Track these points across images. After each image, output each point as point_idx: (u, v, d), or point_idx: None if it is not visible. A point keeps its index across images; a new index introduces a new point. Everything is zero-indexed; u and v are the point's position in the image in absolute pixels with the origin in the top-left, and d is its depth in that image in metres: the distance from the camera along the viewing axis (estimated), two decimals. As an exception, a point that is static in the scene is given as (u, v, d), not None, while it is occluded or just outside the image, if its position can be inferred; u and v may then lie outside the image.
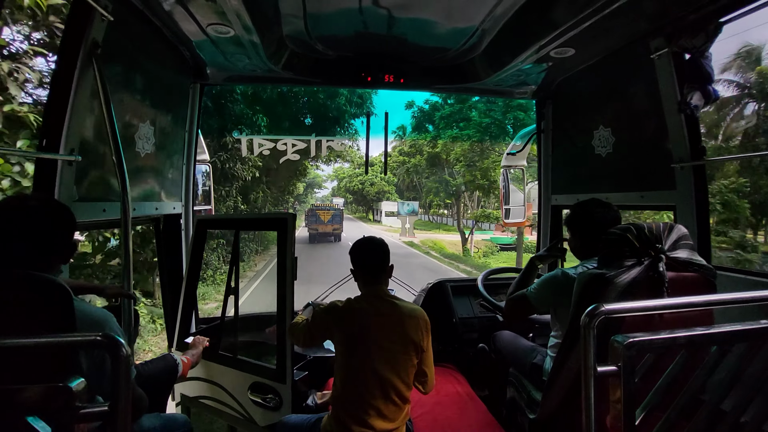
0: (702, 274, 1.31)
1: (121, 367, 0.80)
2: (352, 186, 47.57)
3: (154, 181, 2.32)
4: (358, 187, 45.30)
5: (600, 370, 0.82)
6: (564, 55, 2.28)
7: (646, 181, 2.19)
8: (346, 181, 50.62)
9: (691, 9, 1.72)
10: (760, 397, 0.92)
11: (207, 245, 12.39)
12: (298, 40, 2.31)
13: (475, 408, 2.06)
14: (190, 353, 1.88)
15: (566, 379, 1.40)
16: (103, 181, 1.82)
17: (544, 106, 3.05)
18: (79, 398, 0.77)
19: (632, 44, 2.08)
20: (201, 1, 1.73)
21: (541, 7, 1.86)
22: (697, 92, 1.76)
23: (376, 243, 1.70)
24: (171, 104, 2.42)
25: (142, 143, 2.11)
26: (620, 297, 1.21)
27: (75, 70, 1.57)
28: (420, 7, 1.94)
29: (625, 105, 2.31)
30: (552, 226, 3.10)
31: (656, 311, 1.00)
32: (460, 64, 2.62)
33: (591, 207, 1.71)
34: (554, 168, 3.05)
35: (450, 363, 2.55)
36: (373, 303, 1.60)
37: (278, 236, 1.96)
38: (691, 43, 1.74)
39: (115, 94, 1.77)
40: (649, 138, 2.15)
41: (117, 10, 1.65)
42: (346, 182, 50.65)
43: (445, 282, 2.89)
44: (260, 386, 1.93)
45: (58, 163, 1.55)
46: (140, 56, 2.03)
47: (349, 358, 1.54)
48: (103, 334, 0.80)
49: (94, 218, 1.80)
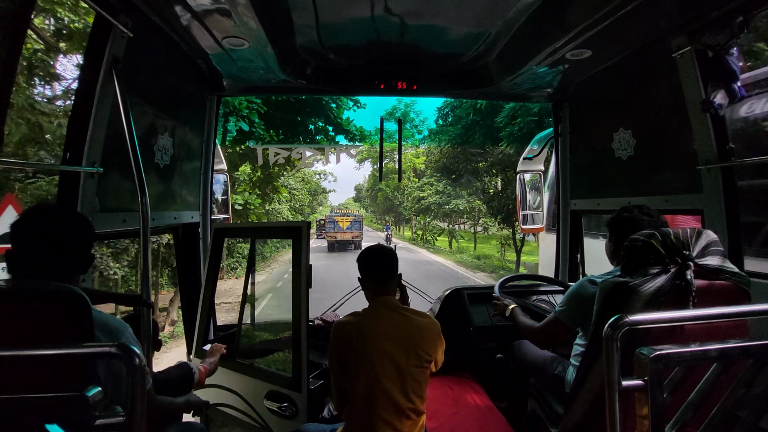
0: (734, 282, 1.24)
1: (137, 377, 0.81)
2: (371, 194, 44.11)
3: (173, 191, 2.38)
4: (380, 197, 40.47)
5: (625, 384, 0.78)
6: (580, 57, 2.24)
7: (671, 185, 2.10)
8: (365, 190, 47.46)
9: (715, 5, 1.66)
10: None
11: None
12: (312, 51, 2.34)
13: (494, 420, 2.00)
14: (208, 361, 1.89)
15: (590, 392, 1.34)
16: (124, 192, 1.87)
17: (561, 109, 2.99)
18: (95, 407, 0.78)
19: (652, 44, 2.02)
20: (217, 15, 1.77)
21: (555, 9, 1.83)
22: (721, 91, 1.69)
23: (384, 251, 1.67)
24: (189, 116, 2.49)
25: (161, 154, 2.17)
26: (645, 307, 1.15)
27: (96, 85, 1.63)
28: (432, 14, 1.93)
29: (645, 106, 2.24)
30: (571, 232, 3.02)
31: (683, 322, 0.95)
32: (473, 69, 2.60)
33: (636, 213, 1.63)
34: (572, 172, 2.98)
35: (467, 373, 2.49)
36: (383, 316, 1.56)
37: (293, 244, 1.96)
38: (715, 39, 1.67)
39: (135, 107, 1.82)
40: (672, 139, 2.07)
41: (137, 27, 1.71)
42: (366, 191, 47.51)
43: (462, 290, 2.85)
44: (276, 394, 1.93)
45: (81, 175, 1.60)
46: (159, 70, 2.09)
47: (361, 373, 1.50)
48: (118, 345, 0.81)
49: (115, 228, 1.84)
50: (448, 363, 2.57)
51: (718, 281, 1.23)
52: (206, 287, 2.34)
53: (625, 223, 1.64)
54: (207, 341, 2.32)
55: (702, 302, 1.16)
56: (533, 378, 2.02)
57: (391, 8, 1.87)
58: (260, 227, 3.41)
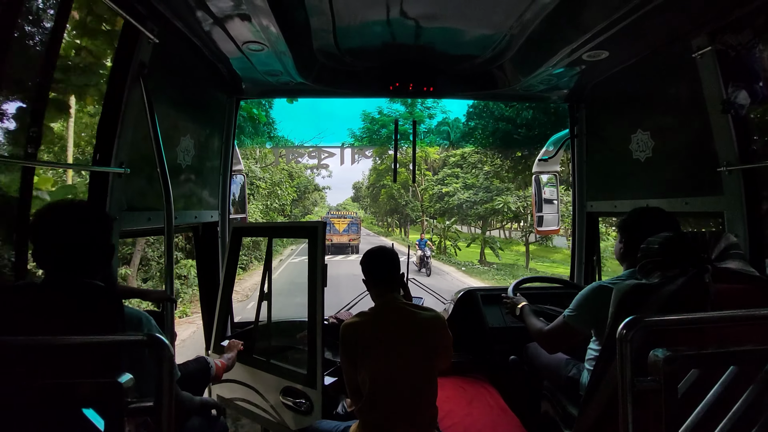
0: (755, 286, 1.22)
1: (165, 367, 0.86)
2: (373, 193, 38.30)
3: (194, 192, 2.45)
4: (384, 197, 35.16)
5: (639, 386, 0.79)
6: (597, 57, 2.22)
7: (690, 187, 2.07)
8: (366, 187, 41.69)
9: (737, 4, 1.63)
10: None
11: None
12: (328, 54, 2.38)
13: (508, 422, 2.00)
14: (225, 357, 1.95)
15: (604, 394, 1.34)
16: (149, 191, 1.95)
17: (578, 110, 2.96)
18: (128, 393, 0.83)
19: (671, 44, 1.99)
20: (238, 21, 1.83)
21: (571, 9, 1.82)
22: (743, 91, 1.65)
23: (386, 252, 1.72)
24: (209, 118, 2.56)
25: (183, 155, 2.24)
26: (662, 309, 1.15)
27: (124, 89, 1.71)
28: (447, 16, 1.95)
29: (664, 107, 2.21)
30: (587, 234, 2.99)
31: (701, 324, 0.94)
32: (489, 70, 2.60)
33: (647, 215, 1.62)
34: (589, 174, 2.95)
35: (481, 374, 2.49)
36: (389, 313, 1.60)
37: (309, 244, 2.01)
38: (737, 39, 1.64)
39: (160, 110, 1.89)
40: (692, 141, 2.04)
41: (162, 33, 1.78)
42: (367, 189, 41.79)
43: (476, 291, 2.85)
44: (292, 390, 1.97)
45: (110, 175, 1.68)
46: (182, 74, 2.17)
47: (370, 371, 1.53)
48: (148, 335, 0.86)
49: (141, 226, 1.92)
50: (461, 364, 2.61)
51: (738, 285, 1.21)
52: (224, 285, 2.41)
53: (636, 225, 1.62)
54: (225, 337, 2.39)
55: (721, 306, 1.14)
56: (547, 380, 2.01)
57: (407, 11, 1.89)
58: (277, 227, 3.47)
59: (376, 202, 40.61)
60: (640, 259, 1.31)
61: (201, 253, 2.70)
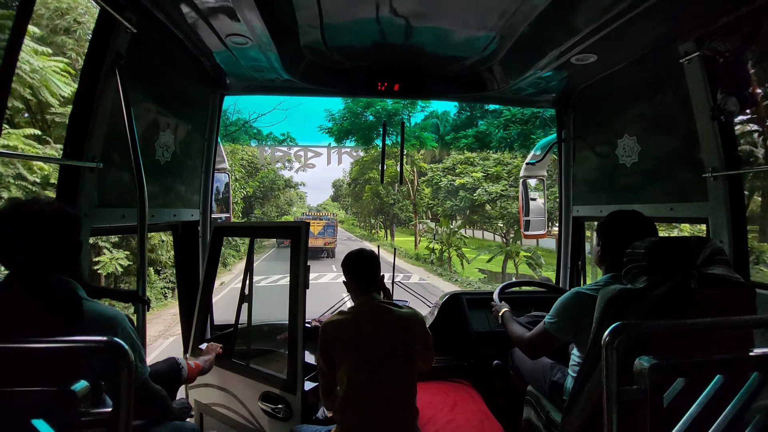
0: (739, 292, 1.21)
1: (124, 374, 0.80)
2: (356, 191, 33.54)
3: (174, 189, 2.37)
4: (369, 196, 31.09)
5: (624, 394, 0.76)
6: (585, 61, 2.22)
7: (676, 193, 2.08)
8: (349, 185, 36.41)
9: (724, 10, 1.63)
10: None
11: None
12: (316, 51, 2.33)
13: (491, 428, 1.97)
14: (202, 359, 1.88)
15: (588, 401, 1.32)
16: (123, 188, 1.87)
17: (565, 114, 2.97)
18: (82, 402, 0.77)
19: (659, 49, 2.00)
20: (221, 13, 1.77)
21: (560, 12, 1.81)
22: (732, 98, 1.66)
23: (367, 254, 1.74)
24: (191, 113, 2.49)
25: (162, 151, 2.16)
26: (647, 315, 1.13)
27: (99, 80, 1.63)
28: (437, 16, 1.92)
29: (651, 112, 2.22)
30: (573, 239, 2.99)
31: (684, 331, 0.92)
32: (478, 72, 2.59)
33: (625, 218, 1.60)
34: (576, 178, 2.95)
35: (465, 379, 2.46)
36: (368, 313, 1.60)
37: (292, 244, 1.96)
38: (725, 46, 1.65)
39: (137, 103, 1.82)
40: (678, 147, 2.05)
41: (141, 23, 1.71)
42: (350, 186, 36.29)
43: (461, 294, 2.82)
44: (271, 396, 1.91)
45: (81, 169, 1.60)
46: (162, 67, 2.10)
47: (350, 370, 1.52)
48: (107, 340, 0.80)
49: (114, 224, 1.84)
50: (445, 368, 2.57)
51: (723, 291, 1.20)
52: (204, 286, 2.33)
53: (614, 228, 1.61)
54: (204, 340, 2.31)
55: (706, 312, 1.13)
56: (531, 385, 1.98)
57: (396, 10, 1.86)
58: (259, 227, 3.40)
59: (358, 201, 35.64)
60: (625, 263, 1.29)
61: (180, 252, 2.62)
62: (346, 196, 42.58)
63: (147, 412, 1.42)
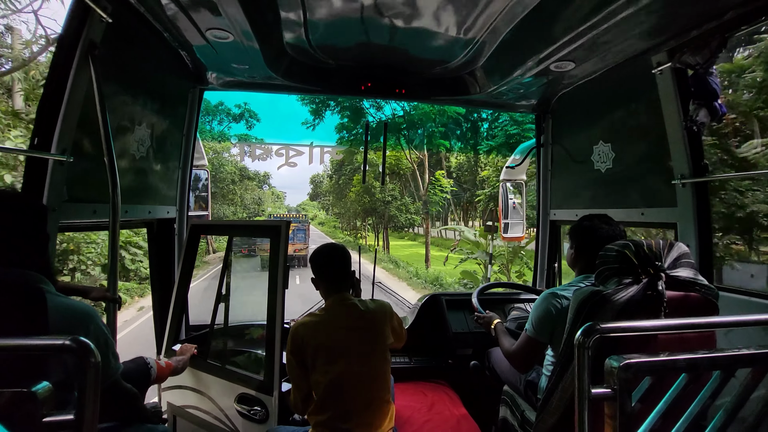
0: (704, 294, 1.27)
1: (90, 375, 0.76)
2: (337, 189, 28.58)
3: (149, 185, 2.30)
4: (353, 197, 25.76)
5: (594, 393, 0.78)
6: (564, 69, 2.28)
7: (647, 198, 2.15)
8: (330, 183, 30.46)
9: (693, 25, 1.71)
10: (765, 425, 0.87)
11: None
12: (299, 48, 2.31)
13: (468, 428, 1.99)
14: (174, 359, 1.82)
15: (561, 399, 1.35)
16: (95, 182, 1.80)
17: (544, 120, 3.04)
18: (44, 405, 0.73)
19: (633, 59, 2.07)
20: (201, 5, 1.73)
21: (540, 20, 1.86)
22: (704, 109, 1.74)
23: (337, 249, 1.68)
24: (169, 108, 2.42)
25: (137, 146, 2.09)
26: (617, 316, 1.17)
27: (71, 70, 1.56)
28: (420, 19, 1.94)
29: (625, 120, 2.30)
30: (550, 241, 3.06)
31: (654, 332, 0.96)
32: (460, 75, 2.62)
33: (596, 222, 1.65)
34: (553, 182, 3.03)
35: (443, 380, 2.48)
36: (340, 312, 1.59)
37: (271, 244, 1.93)
38: (695, 59, 1.73)
39: (112, 95, 1.75)
40: (649, 154, 2.13)
41: (117, 12, 1.65)
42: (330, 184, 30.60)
43: (440, 296, 2.84)
44: (247, 397, 1.87)
45: (49, 162, 1.53)
46: (139, 59, 2.03)
47: (324, 371, 1.51)
48: (72, 339, 0.76)
49: (84, 219, 1.77)
50: (423, 369, 2.59)
51: (689, 293, 1.26)
52: (180, 284, 2.27)
53: (586, 231, 1.65)
54: (178, 341, 2.25)
55: (673, 313, 1.18)
56: (507, 384, 2.02)
57: (381, 10, 1.86)
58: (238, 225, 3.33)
59: (342, 200, 29.43)
60: (597, 265, 1.33)
61: (155, 250, 2.54)
62: (326, 193, 36.31)
63: (117, 412, 1.37)
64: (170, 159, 2.53)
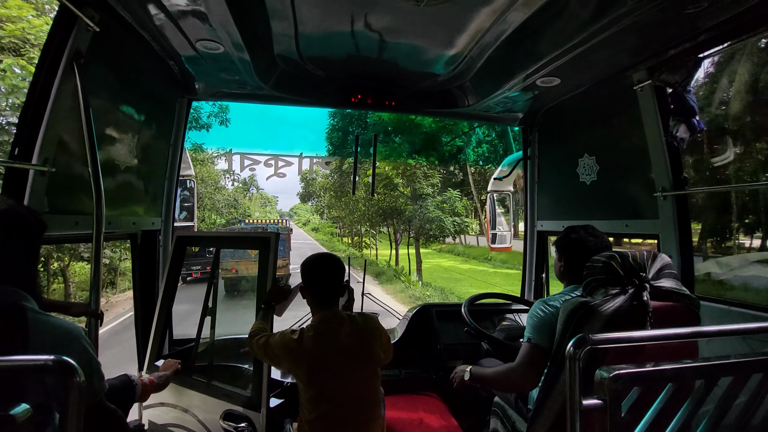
0: (685, 304, 1.30)
1: (73, 396, 0.73)
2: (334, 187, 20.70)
3: (134, 196, 2.25)
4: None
5: (585, 404, 0.79)
6: (550, 84, 2.35)
7: (630, 210, 2.21)
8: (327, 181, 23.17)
9: (671, 45, 1.79)
10: (747, 431, 0.89)
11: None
12: (289, 60, 2.32)
13: None
14: (157, 375, 1.77)
15: (551, 410, 1.35)
16: (78, 193, 1.75)
17: (531, 133, 3.11)
18: (22, 428, 0.70)
19: (615, 76, 2.15)
20: (191, 16, 1.72)
21: (527, 37, 1.92)
22: (683, 125, 1.82)
23: (331, 258, 1.62)
24: (156, 118, 2.39)
25: (123, 156, 2.06)
26: (604, 326, 1.19)
27: (55, 78, 1.54)
28: (410, 33, 1.97)
29: (609, 134, 2.37)
30: (538, 252, 3.11)
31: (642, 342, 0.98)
32: (449, 89, 2.67)
33: (582, 234, 1.67)
34: (540, 194, 3.08)
35: (433, 392, 2.46)
36: (331, 329, 1.52)
37: (260, 256, 1.91)
38: (673, 77, 1.81)
39: (98, 104, 1.72)
40: (632, 167, 2.19)
41: (104, 21, 1.64)
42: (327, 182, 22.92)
43: (430, 307, 2.84)
44: (233, 414, 1.82)
45: (30, 172, 1.49)
46: (126, 68, 2.00)
47: (314, 389, 1.48)
48: (54, 359, 0.73)
49: (66, 231, 1.72)
50: (413, 381, 2.57)
51: (671, 303, 1.29)
52: (164, 298, 2.21)
53: (573, 244, 1.67)
54: (161, 356, 2.18)
55: (656, 323, 1.21)
56: (497, 396, 2.01)
57: (370, 24, 1.89)
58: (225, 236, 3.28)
59: (342, 199, 20.38)
60: (585, 276, 1.36)
61: (139, 262, 2.47)
62: (321, 191, 27.44)
63: None
64: (156, 170, 2.49)
